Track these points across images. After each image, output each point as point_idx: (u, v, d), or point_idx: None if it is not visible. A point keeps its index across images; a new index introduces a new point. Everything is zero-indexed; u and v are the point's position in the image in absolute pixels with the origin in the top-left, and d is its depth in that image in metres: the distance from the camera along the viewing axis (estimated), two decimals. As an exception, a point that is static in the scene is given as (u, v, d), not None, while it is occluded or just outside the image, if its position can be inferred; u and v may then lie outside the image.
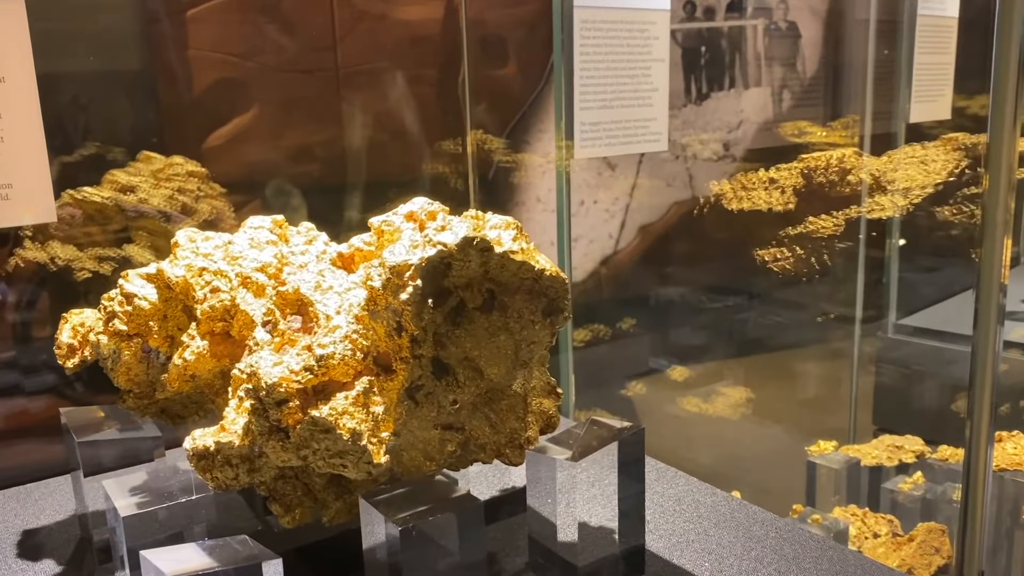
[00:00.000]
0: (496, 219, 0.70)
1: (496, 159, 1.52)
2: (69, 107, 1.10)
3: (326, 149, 1.30)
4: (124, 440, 0.78)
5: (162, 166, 1.20)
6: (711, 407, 1.87)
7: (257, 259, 0.73)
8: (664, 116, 1.41)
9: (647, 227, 1.82)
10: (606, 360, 1.88)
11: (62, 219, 1.13)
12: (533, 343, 0.70)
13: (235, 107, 1.21)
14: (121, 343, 0.73)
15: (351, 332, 0.63)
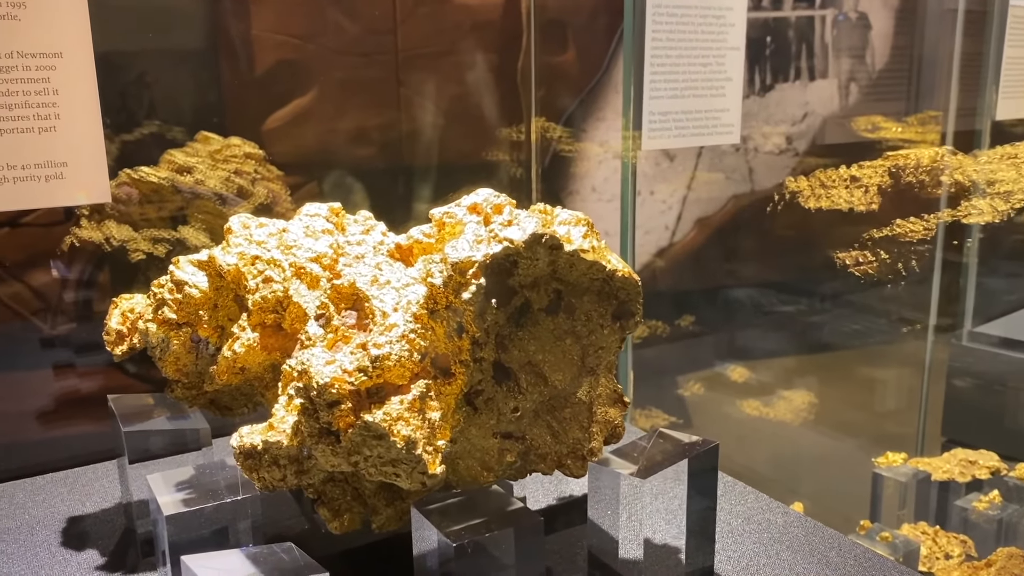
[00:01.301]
0: (566, 214, 0.65)
1: (556, 147, 1.47)
2: (133, 85, 1.10)
3: (383, 133, 1.28)
4: (171, 431, 0.76)
5: (220, 147, 1.18)
6: (772, 411, 1.80)
7: (312, 249, 0.70)
8: (737, 107, 1.34)
9: (704, 220, 1.77)
10: (663, 357, 1.82)
11: (118, 198, 1.11)
12: (601, 348, 0.65)
13: (295, 89, 1.20)
14: (170, 332, 0.70)
15: (408, 331, 0.59)
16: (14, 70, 0.82)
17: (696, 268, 1.82)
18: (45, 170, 0.85)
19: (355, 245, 0.72)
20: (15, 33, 0.82)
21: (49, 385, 1.05)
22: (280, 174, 1.22)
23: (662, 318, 1.81)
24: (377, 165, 1.28)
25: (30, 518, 0.81)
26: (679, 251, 1.79)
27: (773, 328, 1.88)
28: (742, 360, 1.87)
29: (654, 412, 1.83)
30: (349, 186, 1.28)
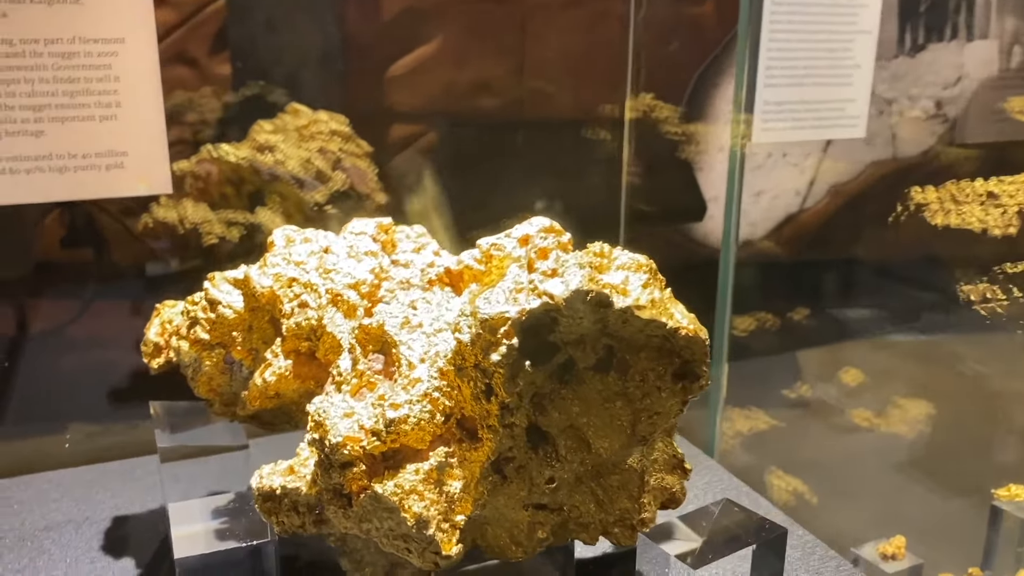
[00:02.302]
0: (626, 257, 0.57)
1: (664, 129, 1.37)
2: (261, 28, 1.10)
3: (504, 83, 1.24)
4: (208, 448, 0.73)
5: (307, 122, 1.14)
6: (883, 421, 1.66)
7: (351, 274, 0.64)
8: (865, 97, 1.20)
9: (839, 187, 1.63)
10: (771, 352, 1.71)
11: (197, 175, 1.09)
12: (657, 414, 0.57)
13: (419, 37, 1.18)
14: (202, 352, 0.66)
15: (432, 389, 0.53)
16: (76, 56, 0.80)
17: (824, 239, 1.69)
18: (106, 159, 0.83)
19: (401, 267, 0.66)
20: (77, 17, 0.79)
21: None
22: (369, 150, 1.19)
23: (774, 308, 1.69)
24: (496, 116, 1.25)
25: (78, 513, 0.81)
26: (809, 219, 1.66)
27: (897, 323, 1.73)
28: (857, 361, 1.73)
29: (755, 413, 1.72)
30: (467, 137, 1.26)
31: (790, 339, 1.71)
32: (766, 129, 1.14)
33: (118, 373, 1.05)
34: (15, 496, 0.84)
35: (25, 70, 0.78)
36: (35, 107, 0.79)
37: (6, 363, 0.94)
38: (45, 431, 1.01)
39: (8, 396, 0.99)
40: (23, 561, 0.73)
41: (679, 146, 1.40)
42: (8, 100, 0.78)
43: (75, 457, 0.94)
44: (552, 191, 1.31)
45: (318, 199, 1.10)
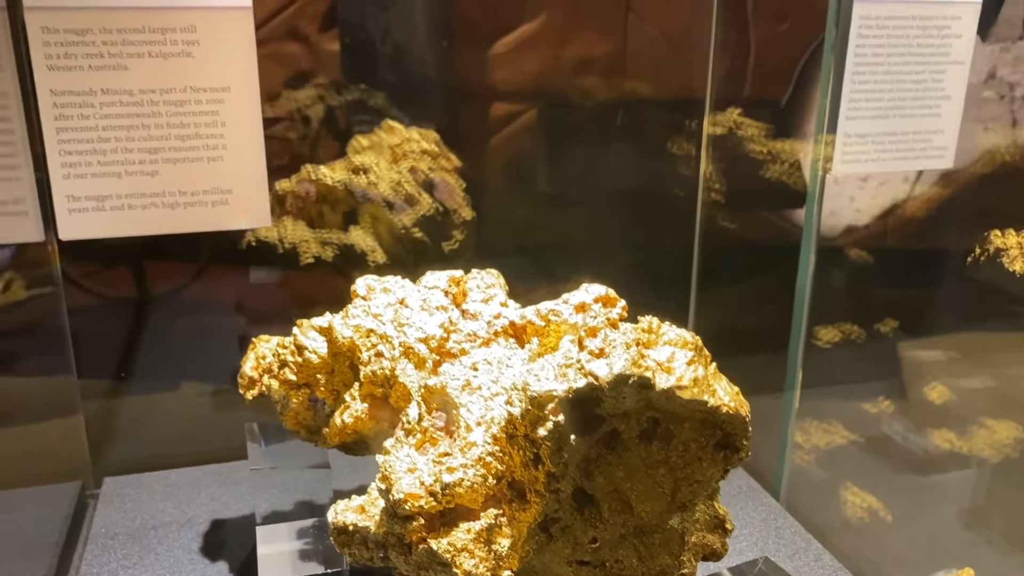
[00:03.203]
0: (673, 334, 0.61)
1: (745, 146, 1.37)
2: (372, 7, 1.16)
3: (606, 63, 1.26)
4: (293, 464, 0.81)
5: (399, 141, 1.21)
6: (967, 443, 1.63)
7: (423, 328, 0.70)
8: (954, 128, 1.18)
9: (951, 174, 1.59)
10: (856, 362, 1.69)
11: (297, 195, 1.17)
12: (698, 482, 0.61)
13: (523, 14, 1.21)
14: (290, 391, 0.74)
15: (486, 454, 0.58)
16: (187, 104, 0.88)
17: (930, 231, 1.65)
18: (212, 196, 0.91)
19: (470, 319, 0.72)
20: (189, 69, 0.87)
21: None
22: (458, 164, 1.24)
23: (862, 317, 1.68)
24: (596, 96, 1.27)
25: (181, 515, 0.90)
26: (917, 207, 1.63)
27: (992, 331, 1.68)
28: (944, 374, 1.70)
29: (833, 426, 1.72)
30: (565, 117, 1.29)
31: (876, 351, 1.69)
32: (847, 161, 1.14)
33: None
34: (129, 494, 0.95)
35: (143, 117, 0.87)
36: (151, 150, 0.88)
37: (123, 374, 1.04)
38: (161, 388, 1.12)
39: (132, 355, 1.10)
40: (133, 559, 0.83)
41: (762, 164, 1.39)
42: (128, 144, 0.87)
43: (180, 459, 1.04)
44: (637, 172, 1.32)
45: (406, 222, 1.16)
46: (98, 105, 0.85)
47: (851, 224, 1.67)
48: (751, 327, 1.52)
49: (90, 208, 0.88)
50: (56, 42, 0.83)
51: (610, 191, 1.42)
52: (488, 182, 1.33)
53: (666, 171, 1.35)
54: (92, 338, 1.08)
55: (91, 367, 1.07)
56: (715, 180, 1.37)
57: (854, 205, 1.61)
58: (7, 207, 0.86)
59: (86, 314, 1.11)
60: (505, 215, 1.36)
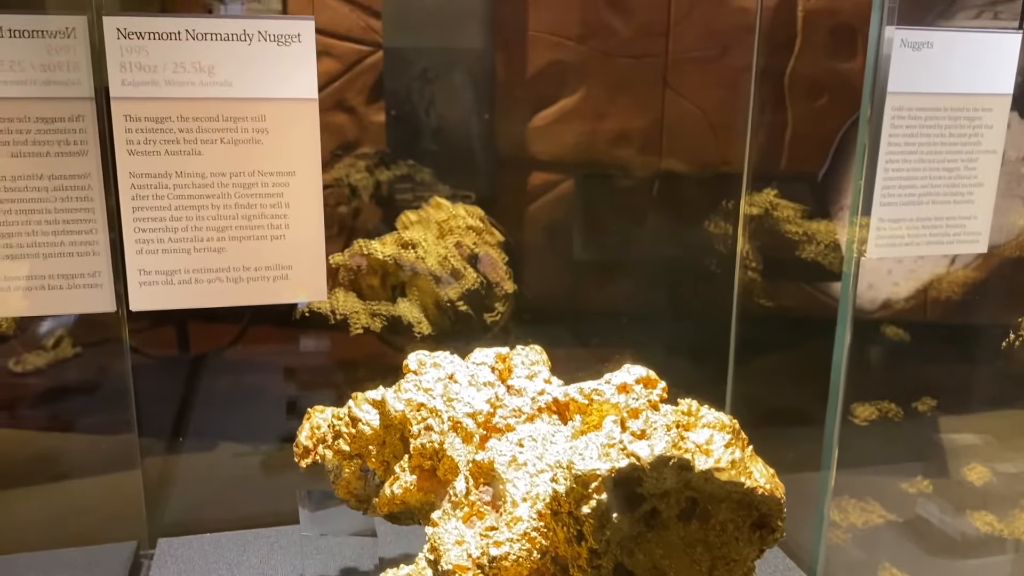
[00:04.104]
0: (711, 417, 0.64)
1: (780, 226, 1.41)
2: (417, 80, 1.21)
3: (644, 136, 1.30)
4: (342, 531, 0.84)
5: (447, 216, 1.26)
6: (1007, 527, 1.62)
7: (471, 403, 0.74)
8: (987, 214, 1.21)
9: (993, 249, 1.60)
10: (893, 442, 1.69)
11: (349, 268, 1.23)
12: (734, 561, 0.64)
13: (563, 89, 1.25)
14: (343, 461, 0.78)
15: (531, 529, 0.62)
16: (255, 186, 0.94)
17: (966, 311, 1.65)
18: (273, 272, 0.96)
19: (515, 394, 0.76)
20: (257, 154, 0.93)
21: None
22: (501, 239, 1.29)
23: (899, 395, 1.68)
24: (634, 168, 1.31)
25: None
26: (956, 281, 1.64)
27: None
28: (985, 457, 1.69)
29: (871, 505, 1.71)
30: (603, 187, 1.33)
31: (914, 430, 1.68)
32: (881, 244, 1.17)
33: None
34: (183, 555, 0.98)
35: (212, 198, 0.93)
36: (219, 228, 0.94)
37: (182, 438, 1.09)
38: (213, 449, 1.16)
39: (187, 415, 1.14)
40: (185, 621, 0.86)
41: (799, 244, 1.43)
42: (198, 223, 0.93)
43: (229, 523, 1.08)
44: (672, 246, 1.35)
45: (451, 295, 1.21)
46: (172, 187, 0.92)
47: (889, 298, 1.69)
48: (788, 403, 1.54)
49: (160, 282, 0.94)
50: (137, 129, 0.90)
51: (646, 263, 1.45)
52: (525, 249, 1.37)
53: (703, 246, 1.39)
54: (152, 398, 1.13)
55: (150, 426, 1.12)
56: (752, 258, 1.40)
57: (892, 279, 1.63)
58: (84, 279, 0.92)
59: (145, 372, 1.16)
60: (542, 283, 1.39)
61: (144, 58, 0.89)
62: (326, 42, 1.16)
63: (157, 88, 0.90)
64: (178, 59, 0.89)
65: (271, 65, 0.92)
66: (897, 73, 1.11)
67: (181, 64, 0.90)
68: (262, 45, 0.91)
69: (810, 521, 1.43)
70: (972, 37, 1.16)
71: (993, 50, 1.15)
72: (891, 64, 1.10)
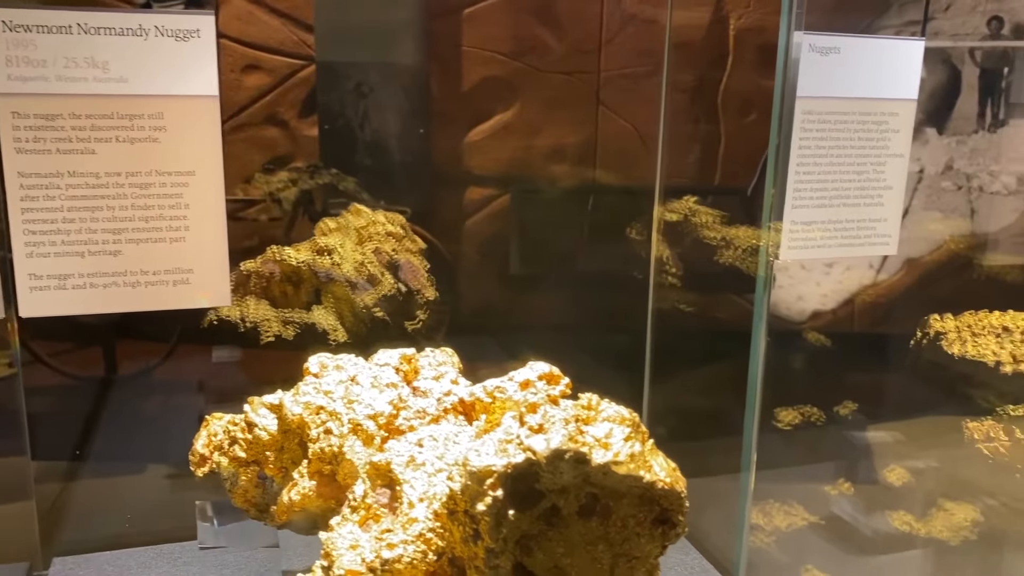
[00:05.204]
0: (611, 410, 0.63)
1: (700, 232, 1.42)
2: (351, 94, 1.20)
3: (579, 151, 1.32)
4: (246, 551, 0.81)
5: (366, 223, 1.24)
6: (925, 526, 1.64)
7: (372, 405, 0.71)
8: (896, 217, 1.24)
9: (915, 261, 1.64)
10: (816, 446, 1.71)
11: (262, 275, 1.19)
12: (636, 558, 0.62)
13: (498, 104, 1.26)
14: (239, 468, 0.75)
15: (427, 530, 0.60)
16: (152, 187, 0.90)
17: (889, 320, 1.69)
18: (173, 275, 0.93)
19: (420, 396, 0.74)
20: (154, 153, 0.90)
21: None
22: (423, 246, 1.27)
23: (821, 401, 1.70)
24: (570, 183, 1.32)
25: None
26: (882, 292, 1.67)
27: (942, 429, 1.71)
28: (904, 459, 1.72)
29: (794, 508, 1.72)
30: (539, 202, 1.33)
31: (836, 433, 1.71)
32: (793, 247, 1.18)
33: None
34: (76, 574, 0.94)
35: (108, 198, 0.89)
36: (115, 230, 0.90)
37: (78, 452, 1.04)
38: (118, 469, 1.11)
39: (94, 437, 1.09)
40: (77, 642, 0.82)
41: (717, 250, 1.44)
42: (92, 224, 0.89)
43: (134, 539, 1.03)
44: (601, 256, 1.35)
45: (367, 302, 1.18)
46: (64, 187, 0.88)
47: (818, 309, 1.72)
48: (710, 409, 1.55)
49: (52, 287, 0.89)
50: (26, 126, 0.86)
51: (579, 275, 1.45)
52: (460, 264, 1.37)
53: (632, 257, 1.39)
54: (52, 419, 1.08)
55: (48, 448, 1.06)
56: (671, 264, 1.41)
57: (820, 290, 1.65)
58: (-32, 284, 0.88)
59: (48, 394, 1.11)
60: (476, 296, 1.38)
61: (32, 52, 0.85)
62: (257, 55, 1.15)
63: (47, 84, 0.86)
64: (69, 54, 0.86)
65: (169, 61, 0.89)
66: (806, 78, 1.12)
67: (73, 59, 0.86)
68: (159, 40, 0.88)
69: (733, 525, 1.43)
70: (877, 43, 1.18)
71: (898, 56, 1.18)
72: (799, 69, 1.12)
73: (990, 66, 1.67)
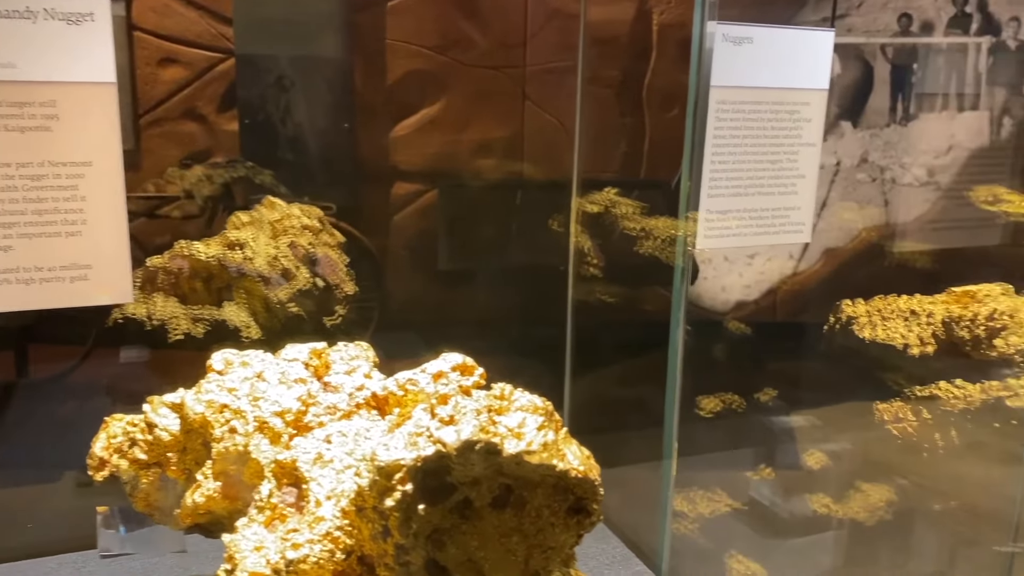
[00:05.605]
0: (525, 400, 0.62)
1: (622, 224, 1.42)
2: (272, 88, 1.17)
3: (506, 145, 1.31)
4: (152, 558, 0.78)
5: (280, 216, 1.20)
6: (842, 507, 1.68)
7: (279, 402, 0.69)
8: (810, 205, 1.26)
9: (833, 251, 1.68)
10: (738, 433, 1.74)
11: (170, 271, 1.15)
12: (550, 548, 0.61)
13: (424, 99, 1.25)
14: (140, 471, 0.71)
15: (334, 528, 0.58)
16: (46, 178, 0.86)
17: (809, 309, 1.72)
18: (70, 272, 0.88)
19: (331, 391, 0.72)
20: (47, 143, 0.85)
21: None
22: (342, 240, 1.25)
23: (743, 388, 1.73)
24: (496, 177, 1.32)
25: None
26: (802, 281, 1.70)
27: (857, 413, 1.76)
28: (822, 443, 1.76)
29: (718, 494, 1.75)
30: (466, 197, 1.32)
31: (757, 419, 1.74)
32: (709, 236, 1.19)
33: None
34: (-29, 590, 0.89)
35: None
36: (5, 224, 0.85)
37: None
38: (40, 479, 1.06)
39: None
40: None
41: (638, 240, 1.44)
42: (-21, 218, 0.84)
43: (36, 548, 0.98)
44: (527, 250, 1.36)
45: (281, 297, 1.15)
46: (-52, 179, 0.83)
47: (741, 299, 1.74)
48: (632, 398, 1.56)
49: (-64, 285, 0.84)
50: (-97, 115, 0.81)
51: (503, 268, 1.45)
52: (388, 260, 1.35)
53: (552, 248, 1.40)
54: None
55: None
56: (592, 256, 1.41)
57: (743, 281, 1.68)
58: None
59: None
60: (403, 292, 1.37)
61: (-92, 36, 0.80)
62: (174, 48, 1.12)
63: (-74, 69, 0.81)
64: (-50, 38, 0.81)
65: (60, 46, 0.84)
66: (719, 68, 1.13)
67: (-47, 43, 0.81)
68: (49, 24, 0.83)
69: (656, 513, 1.44)
70: (789, 33, 1.20)
71: (809, 46, 1.20)
72: (713, 59, 1.13)
73: (901, 62, 1.72)
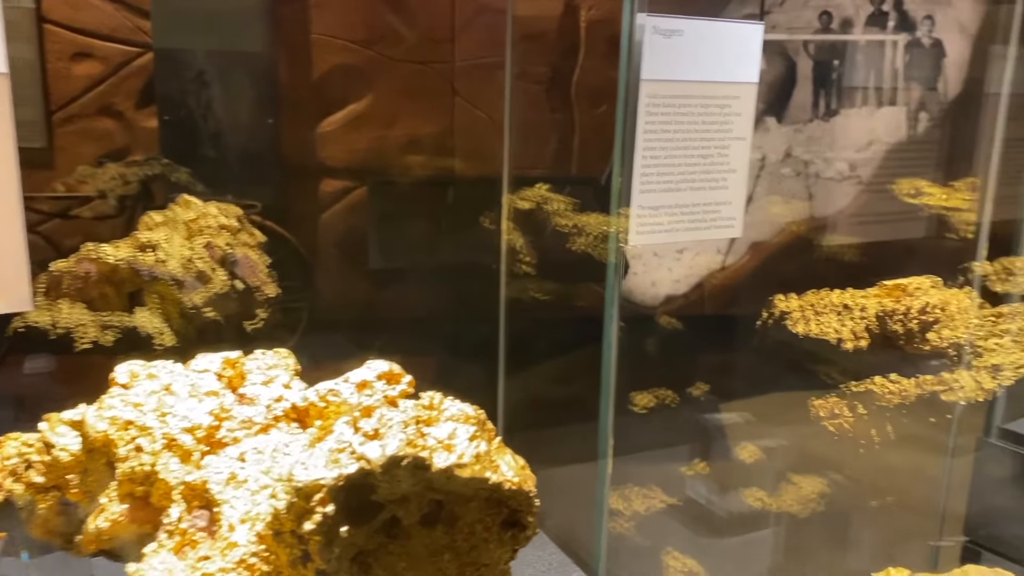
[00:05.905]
0: (455, 409, 0.58)
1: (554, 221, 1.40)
2: (193, 83, 1.13)
3: (436, 141, 1.29)
4: None
5: (196, 216, 1.15)
6: (776, 501, 1.69)
7: (188, 417, 0.64)
8: (740, 200, 1.25)
9: (759, 244, 1.69)
10: (672, 428, 1.74)
11: (77, 275, 1.08)
12: (484, 566, 0.58)
13: (350, 94, 1.21)
14: (36, 495, 0.66)
15: (249, 555, 0.53)
16: (-71, 178, 0.79)
17: (737, 303, 1.72)
18: (-40, 279, 0.81)
19: (247, 404, 0.67)
20: (-70, 140, 0.78)
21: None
22: (263, 240, 1.19)
23: (675, 383, 1.72)
24: (426, 173, 1.29)
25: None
26: (730, 275, 1.70)
27: (789, 406, 1.77)
28: (755, 437, 1.77)
29: (653, 491, 1.74)
30: (396, 193, 1.29)
31: (689, 414, 1.74)
32: (642, 232, 1.17)
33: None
34: None
35: None
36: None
37: None
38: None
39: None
40: None
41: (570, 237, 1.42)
42: None
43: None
44: (458, 247, 1.34)
45: (197, 301, 1.09)
46: None
47: (671, 293, 1.74)
48: (567, 396, 1.54)
49: None
50: None
51: (434, 266, 1.42)
52: (317, 259, 1.31)
53: (484, 245, 1.37)
54: None
55: None
56: (524, 253, 1.39)
57: (672, 276, 1.67)
58: None
59: None
60: (332, 292, 1.34)
61: None
62: (89, 43, 1.07)
63: None
64: None
65: (-58, 33, 0.77)
66: (649, 61, 1.11)
67: None
68: (-71, 9, 0.76)
69: (592, 512, 1.42)
70: (719, 26, 1.19)
71: (738, 39, 1.19)
72: (643, 52, 1.11)
73: (823, 58, 1.74)
